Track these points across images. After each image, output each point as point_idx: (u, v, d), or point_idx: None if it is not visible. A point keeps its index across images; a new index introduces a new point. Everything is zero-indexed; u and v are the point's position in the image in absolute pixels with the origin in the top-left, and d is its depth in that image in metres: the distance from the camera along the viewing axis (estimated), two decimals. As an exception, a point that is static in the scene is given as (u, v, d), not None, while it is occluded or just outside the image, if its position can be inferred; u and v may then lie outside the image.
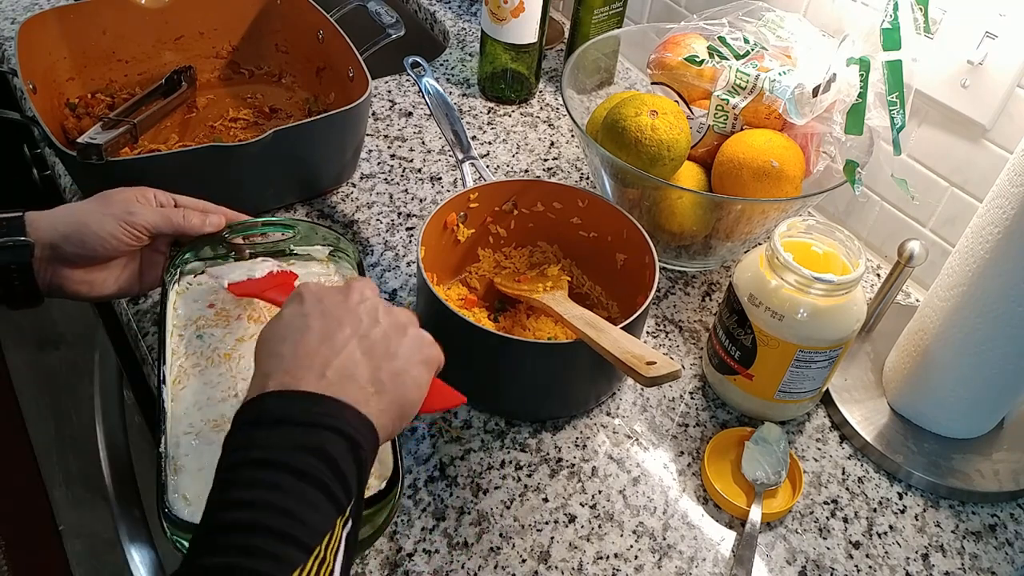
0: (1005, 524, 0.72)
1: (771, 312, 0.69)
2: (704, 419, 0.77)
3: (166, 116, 0.99)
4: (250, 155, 0.82)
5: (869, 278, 0.94)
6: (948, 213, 0.88)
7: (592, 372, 0.72)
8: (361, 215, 0.93)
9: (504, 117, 1.11)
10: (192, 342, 0.67)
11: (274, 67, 1.11)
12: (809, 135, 0.82)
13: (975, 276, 0.68)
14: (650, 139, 0.77)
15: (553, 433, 0.74)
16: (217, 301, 0.71)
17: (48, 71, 0.94)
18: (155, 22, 1.03)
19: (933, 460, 0.74)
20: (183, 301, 0.71)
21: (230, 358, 0.67)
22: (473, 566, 0.64)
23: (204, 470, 0.59)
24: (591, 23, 1.10)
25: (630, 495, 0.70)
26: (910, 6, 0.72)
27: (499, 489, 0.69)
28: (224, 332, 0.69)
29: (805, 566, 0.67)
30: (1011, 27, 0.75)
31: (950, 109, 0.83)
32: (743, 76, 0.80)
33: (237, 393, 0.64)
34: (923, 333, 0.74)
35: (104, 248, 0.67)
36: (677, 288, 0.90)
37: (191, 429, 0.61)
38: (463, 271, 0.85)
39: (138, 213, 0.68)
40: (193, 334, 0.68)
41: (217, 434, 0.61)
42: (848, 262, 0.69)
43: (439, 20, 1.31)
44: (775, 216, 0.81)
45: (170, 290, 0.70)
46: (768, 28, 0.83)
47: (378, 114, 1.09)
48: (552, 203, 0.83)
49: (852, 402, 0.78)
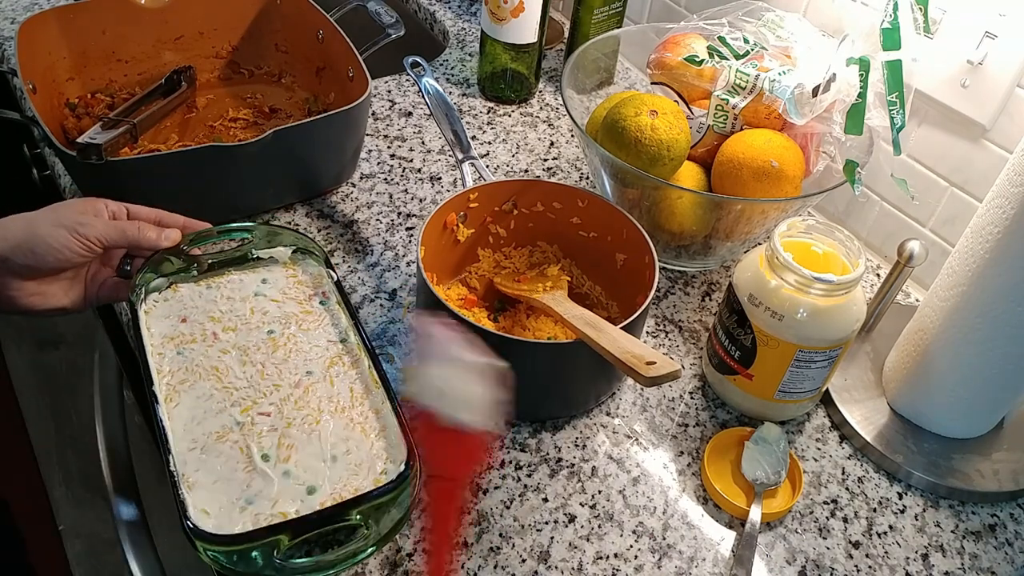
0: (1005, 524, 0.72)
1: (771, 312, 0.69)
2: (704, 419, 0.77)
3: (166, 116, 0.99)
4: (250, 155, 0.82)
5: (869, 278, 0.94)
6: (948, 213, 0.88)
7: (592, 372, 0.72)
8: (361, 215, 0.93)
9: (504, 117, 1.11)
10: (174, 360, 0.67)
11: (274, 67, 1.11)
12: (809, 135, 0.82)
13: (975, 276, 0.68)
14: (650, 139, 0.77)
15: (553, 433, 0.74)
16: (188, 314, 0.71)
17: (48, 71, 0.94)
18: (155, 22, 1.03)
19: (933, 460, 0.74)
20: (154, 320, 0.70)
21: (218, 371, 0.67)
22: (473, 566, 0.64)
23: (219, 482, 0.59)
24: (591, 23, 1.10)
25: (630, 495, 0.70)
26: (910, 6, 0.72)
27: (499, 489, 0.69)
28: (205, 347, 0.68)
29: (805, 566, 0.67)
30: (1011, 27, 0.75)
31: (950, 109, 0.83)
32: (743, 76, 0.80)
33: (234, 403, 0.64)
34: (923, 333, 0.74)
35: (55, 259, 0.65)
36: (677, 288, 0.90)
37: (195, 444, 0.61)
38: (463, 271, 0.85)
39: (90, 224, 0.66)
40: (173, 352, 0.67)
41: (222, 444, 0.62)
42: (848, 262, 0.69)
43: (439, 20, 1.31)
44: (775, 216, 0.81)
45: (139, 311, 0.69)
46: (768, 28, 0.84)
47: (378, 114, 1.09)
48: (552, 203, 0.83)
49: (852, 402, 0.78)
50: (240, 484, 0.59)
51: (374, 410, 0.65)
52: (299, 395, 0.66)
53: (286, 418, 0.64)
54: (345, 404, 0.65)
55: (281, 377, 0.67)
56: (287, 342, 0.69)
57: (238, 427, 0.63)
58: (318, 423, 0.64)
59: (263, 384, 0.66)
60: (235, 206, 0.89)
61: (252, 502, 0.58)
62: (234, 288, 0.74)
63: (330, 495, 0.59)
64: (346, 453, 0.62)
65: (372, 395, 0.66)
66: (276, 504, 0.58)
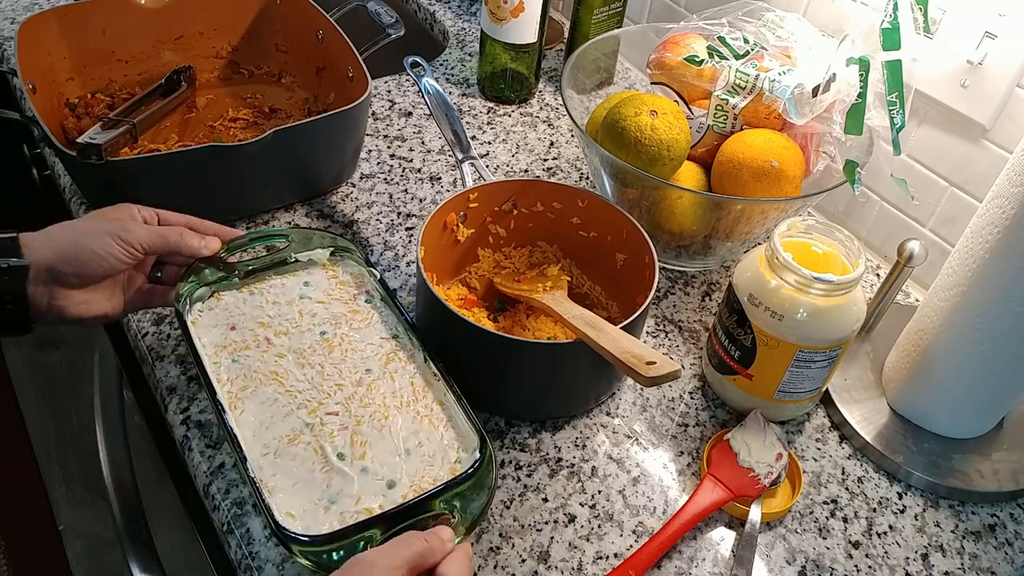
0: (1005, 524, 0.72)
1: (771, 312, 0.69)
2: (704, 419, 0.77)
3: (166, 116, 0.99)
4: (250, 155, 0.82)
5: (869, 278, 0.94)
6: (948, 213, 0.88)
7: (592, 372, 0.72)
8: (361, 215, 0.93)
9: (504, 117, 1.11)
10: (231, 367, 0.68)
11: (274, 67, 1.11)
12: (809, 135, 0.82)
13: (975, 276, 0.68)
14: (650, 139, 0.77)
15: (553, 433, 0.74)
16: (236, 322, 0.71)
17: (48, 71, 0.94)
18: (155, 22, 1.03)
19: (933, 460, 0.74)
20: (203, 330, 0.70)
21: (278, 375, 0.67)
22: (473, 566, 0.64)
23: (299, 484, 0.60)
24: (591, 23, 1.10)
25: (630, 495, 0.70)
26: (910, 6, 0.72)
27: (499, 489, 0.69)
28: (260, 352, 0.69)
29: (805, 566, 0.67)
30: (1011, 27, 0.75)
31: (950, 109, 0.83)
32: (743, 76, 0.80)
33: (300, 405, 0.65)
34: (923, 333, 0.74)
35: (100, 266, 0.65)
36: (677, 288, 0.90)
37: (267, 449, 0.62)
38: (463, 271, 0.85)
39: (132, 231, 0.66)
40: (228, 360, 0.68)
41: (295, 447, 0.62)
42: (848, 262, 0.69)
43: (439, 20, 1.31)
44: (775, 216, 0.81)
45: (187, 322, 0.70)
46: (768, 28, 0.84)
47: (378, 114, 1.09)
48: (552, 203, 0.83)
49: (852, 402, 0.78)
50: (320, 484, 0.60)
51: (438, 402, 0.67)
52: (363, 393, 0.67)
53: (354, 416, 0.65)
54: (409, 398, 0.67)
55: (342, 376, 0.68)
56: (341, 342, 0.71)
57: (308, 429, 0.64)
58: (387, 419, 0.65)
59: (325, 385, 0.67)
60: (235, 206, 0.89)
61: (335, 501, 0.59)
62: (277, 293, 0.74)
63: (410, 487, 0.61)
64: (418, 446, 0.64)
65: (433, 388, 0.68)
66: (359, 501, 0.59)
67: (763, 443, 0.71)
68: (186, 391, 0.73)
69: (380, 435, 0.64)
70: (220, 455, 0.69)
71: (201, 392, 0.73)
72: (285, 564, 0.62)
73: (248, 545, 0.63)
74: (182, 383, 0.74)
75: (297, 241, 0.76)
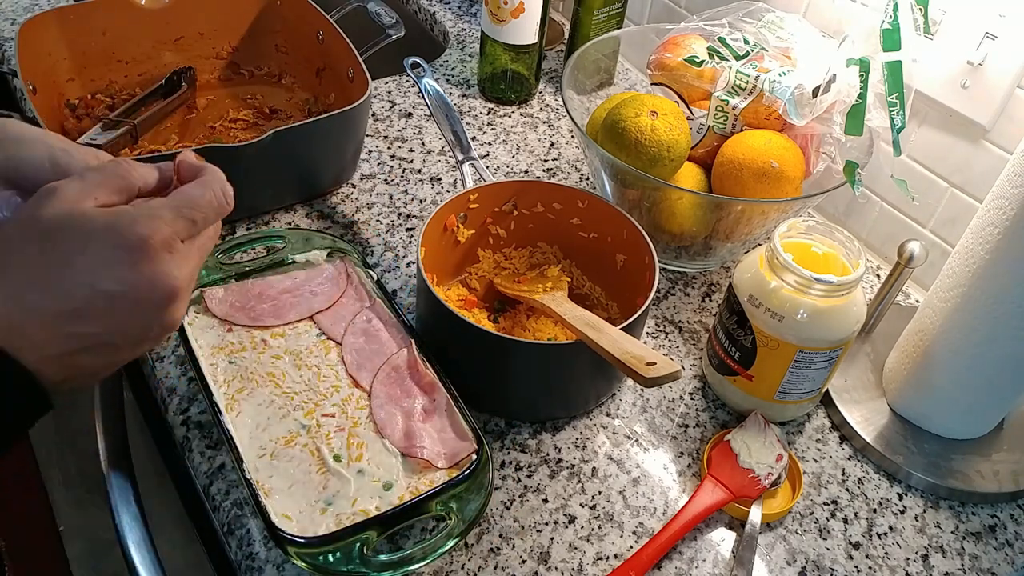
0: (1005, 525, 0.72)
1: (771, 313, 0.69)
2: (704, 420, 0.77)
3: (166, 117, 0.99)
4: (250, 156, 0.82)
5: (869, 279, 0.94)
6: (948, 214, 0.88)
7: (592, 373, 0.72)
8: (361, 216, 0.93)
9: (504, 118, 1.11)
10: (227, 369, 0.68)
11: (274, 68, 1.11)
12: (809, 136, 0.82)
13: (975, 277, 0.68)
14: (650, 140, 0.77)
15: (553, 434, 0.74)
16: (229, 318, 0.71)
17: (48, 72, 0.94)
18: (155, 23, 1.03)
19: (933, 461, 0.74)
20: (199, 332, 0.71)
21: (274, 376, 0.68)
22: (473, 567, 0.64)
23: (295, 485, 0.60)
24: (591, 24, 1.10)
25: (630, 496, 0.70)
26: (910, 6, 0.72)
27: (499, 490, 0.69)
28: (256, 354, 0.69)
29: (805, 567, 0.67)
30: (1011, 28, 0.75)
31: (950, 110, 0.83)
32: (743, 77, 0.80)
33: (296, 407, 0.65)
34: (923, 334, 0.74)
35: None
36: (677, 289, 0.90)
37: (263, 451, 0.62)
38: (463, 272, 0.85)
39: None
40: (224, 361, 0.68)
41: (291, 449, 0.63)
42: (848, 263, 0.69)
43: (439, 21, 1.32)
44: (775, 217, 0.81)
45: (184, 322, 0.70)
46: (768, 29, 0.84)
47: (378, 115, 1.09)
48: (552, 204, 0.83)
49: (852, 403, 0.78)
50: (316, 486, 0.60)
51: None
52: (359, 394, 0.67)
53: (351, 418, 0.65)
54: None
55: (339, 378, 0.68)
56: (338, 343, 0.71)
57: (304, 430, 0.64)
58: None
59: (322, 386, 0.67)
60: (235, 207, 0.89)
61: (331, 503, 0.59)
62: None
63: (407, 489, 0.61)
64: None
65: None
66: (356, 503, 0.60)
67: (763, 444, 0.71)
68: (186, 392, 0.73)
69: (376, 437, 0.64)
70: (220, 456, 0.69)
71: (201, 393, 0.73)
72: (285, 565, 0.62)
73: (248, 546, 0.63)
74: (182, 384, 0.74)
75: (295, 242, 0.76)
